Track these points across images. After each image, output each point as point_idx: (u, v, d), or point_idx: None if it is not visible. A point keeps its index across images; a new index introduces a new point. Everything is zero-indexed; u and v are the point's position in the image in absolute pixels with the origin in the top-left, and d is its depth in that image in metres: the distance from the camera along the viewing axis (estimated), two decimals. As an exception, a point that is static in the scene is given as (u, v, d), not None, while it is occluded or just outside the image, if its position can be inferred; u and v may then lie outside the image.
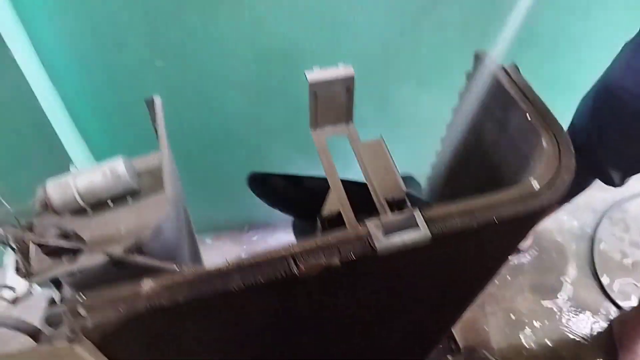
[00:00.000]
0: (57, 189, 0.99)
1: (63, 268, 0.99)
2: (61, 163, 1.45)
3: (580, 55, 1.89)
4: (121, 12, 1.29)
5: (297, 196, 1.36)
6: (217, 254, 2.55)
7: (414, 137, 1.98)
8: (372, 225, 0.88)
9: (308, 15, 1.46)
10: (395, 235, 0.88)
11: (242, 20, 1.40)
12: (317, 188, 1.21)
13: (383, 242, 0.87)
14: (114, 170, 0.99)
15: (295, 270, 0.84)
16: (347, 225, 1.03)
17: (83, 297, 0.77)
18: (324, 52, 1.57)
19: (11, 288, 1.13)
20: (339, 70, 1.12)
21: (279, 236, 2.59)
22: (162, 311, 0.79)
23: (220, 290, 0.81)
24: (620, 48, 1.48)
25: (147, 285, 0.79)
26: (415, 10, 1.52)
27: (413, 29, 1.57)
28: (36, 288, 1.05)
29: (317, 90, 1.12)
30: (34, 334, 0.83)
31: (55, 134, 1.35)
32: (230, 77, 1.55)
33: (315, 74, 1.11)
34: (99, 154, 1.75)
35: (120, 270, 0.86)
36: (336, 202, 1.09)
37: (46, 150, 1.41)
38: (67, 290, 0.82)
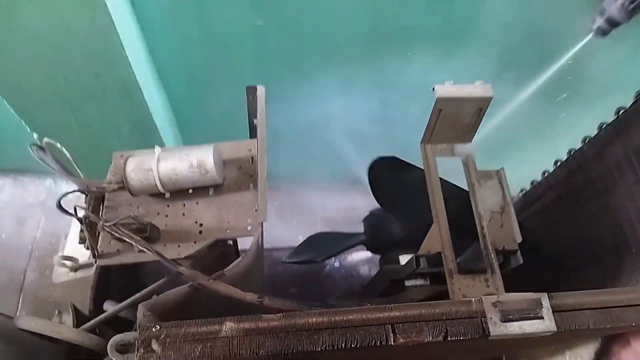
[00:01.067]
0: (138, 173, 0.89)
1: (132, 258, 0.92)
2: (141, 118, 1.36)
3: None
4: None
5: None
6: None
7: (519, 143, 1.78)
8: (489, 305, 0.75)
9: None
10: (514, 322, 0.75)
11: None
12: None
13: (499, 328, 0.74)
14: (202, 165, 0.88)
15: (391, 341, 0.73)
16: (447, 281, 0.89)
17: (158, 327, 0.69)
18: (444, 38, 1.35)
19: (73, 259, 1.08)
20: (476, 89, 0.93)
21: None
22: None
23: (306, 348, 0.71)
24: None
25: (228, 326, 0.70)
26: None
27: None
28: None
29: (443, 107, 0.94)
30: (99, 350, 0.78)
31: (140, 90, 1.24)
32: (333, 49, 1.37)
33: (446, 89, 0.92)
34: (183, 119, 1.66)
35: (197, 290, 0.78)
36: (438, 240, 0.95)
37: (129, 106, 1.31)
38: (141, 308, 0.73)
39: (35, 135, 1.53)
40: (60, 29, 1.10)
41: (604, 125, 1.12)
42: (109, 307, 1.04)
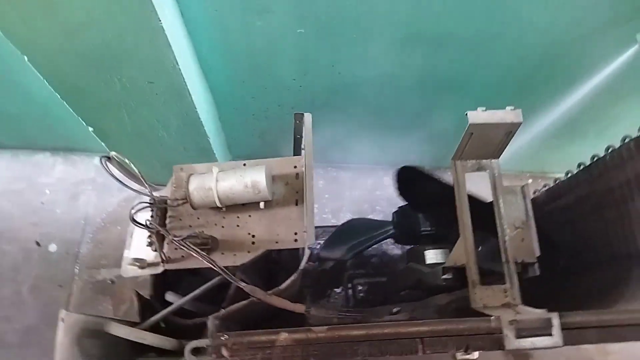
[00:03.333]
0: (200, 191, 1.01)
1: (195, 264, 1.06)
2: (189, 116, 1.47)
3: None
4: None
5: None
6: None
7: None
8: (506, 323, 0.87)
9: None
10: (527, 338, 0.87)
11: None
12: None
13: (514, 344, 0.86)
14: (256, 186, 1.00)
15: (420, 352, 0.86)
16: (470, 291, 1.01)
17: (226, 336, 0.83)
18: (481, 41, 1.39)
19: (141, 260, 1.22)
20: (507, 114, 1.00)
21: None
22: (292, 364, 0.84)
23: (348, 356, 0.85)
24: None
25: (283, 337, 0.84)
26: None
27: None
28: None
29: (475, 131, 1.02)
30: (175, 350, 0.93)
31: (189, 94, 1.35)
32: (368, 54, 1.43)
33: (479, 116, 1.00)
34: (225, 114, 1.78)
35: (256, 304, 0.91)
36: (463, 254, 1.06)
37: (178, 107, 1.43)
38: (212, 319, 0.88)
39: (89, 126, 1.68)
40: (119, 47, 1.20)
41: (627, 139, 1.17)
42: (171, 298, 1.20)
